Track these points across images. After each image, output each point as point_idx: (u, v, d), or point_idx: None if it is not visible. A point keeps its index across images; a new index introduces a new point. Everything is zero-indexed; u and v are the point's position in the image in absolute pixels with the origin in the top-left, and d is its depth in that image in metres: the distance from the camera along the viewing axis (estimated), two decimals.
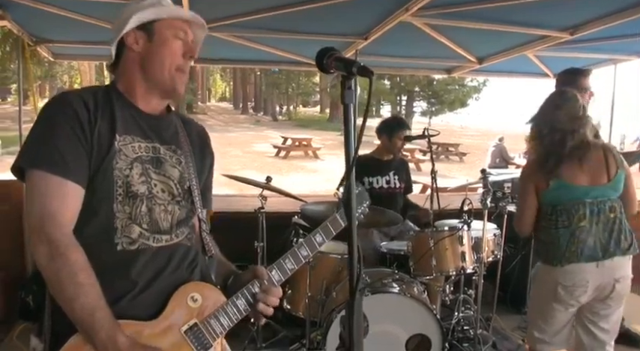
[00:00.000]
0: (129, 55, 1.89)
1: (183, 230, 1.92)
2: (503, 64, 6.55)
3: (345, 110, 1.33)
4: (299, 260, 2.05)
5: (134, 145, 1.84)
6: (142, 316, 1.75)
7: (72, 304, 1.62)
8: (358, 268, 1.34)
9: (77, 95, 1.80)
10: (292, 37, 5.46)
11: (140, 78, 1.89)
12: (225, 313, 1.86)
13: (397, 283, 3.96)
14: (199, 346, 1.81)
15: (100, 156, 1.75)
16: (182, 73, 1.93)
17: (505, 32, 5.11)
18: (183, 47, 1.90)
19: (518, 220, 3.43)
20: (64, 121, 1.72)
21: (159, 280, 1.81)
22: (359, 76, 1.34)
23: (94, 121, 1.76)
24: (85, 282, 1.63)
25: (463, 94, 39.25)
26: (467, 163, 24.91)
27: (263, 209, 4.51)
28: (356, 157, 1.32)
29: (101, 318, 1.62)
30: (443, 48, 5.80)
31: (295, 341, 4.57)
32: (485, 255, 4.46)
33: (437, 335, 3.79)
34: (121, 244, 1.76)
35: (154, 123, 1.93)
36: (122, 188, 1.77)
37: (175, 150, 1.96)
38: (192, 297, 1.83)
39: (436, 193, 4.89)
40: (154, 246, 1.82)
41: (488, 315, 4.96)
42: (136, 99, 1.91)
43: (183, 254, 1.91)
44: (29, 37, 5.52)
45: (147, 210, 1.81)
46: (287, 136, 26.15)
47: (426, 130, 4.99)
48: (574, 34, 5.03)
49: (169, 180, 1.90)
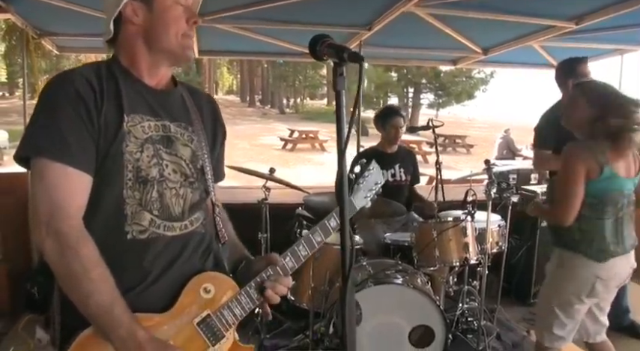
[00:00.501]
0: (129, 29, 1.78)
1: (197, 216, 1.85)
2: (509, 54, 6.53)
3: (337, 97, 1.32)
4: (313, 246, 2.00)
5: (143, 124, 1.74)
6: (154, 307, 1.71)
7: (86, 301, 1.56)
8: (350, 255, 1.33)
9: (79, 74, 1.69)
10: (296, 28, 5.45)
11: (144, 51, 1.79)
12: (238, 304, 1.83)
13: (401, 274, 3.96)
14: (212, 338, 1.78)
15: (107, 140, 1.66)
16: (189, 39, 1.82)
17: (510, 22, 5.08)
18: (185, 13, 1.79)
19: (565, 209, 3.09)
20: (67, 103, 1.62)
21: (172, 270, 1.76)
22: (358, 65, 1.33)
23: (100, 103, 1.66)
24: (97, 277, 1.57)
25: (470, 86, 39.11)
26: (474, 155, 24.81)
27: (266, 200, 4.50)
28: (347, 143, 1.31)
29: (119, 314, 1.57)
30: (447, 39, 5.78)
31: (299, 332, 4.56)
32: (490, 246, 4.43)
33: (440, 326, 3.78)
34: (131, 232, 1.69)
35: (161, 98, 1.84)
36: (132, 173, 1.69)
37: (186, 127, 1.87)
38: (205, 288, 1.80)
39: (441, 185, 4.89)
40: (168, 235, 1.76)
41: (492, 306, 4.94)
42: (141, 73, 1.81)
43: (198, 242, 1.86)
44: (33, 30, 5.53)
45: (158, 195, 1.73)
46: (294, 129, 26.13)
47: (430, 121, 4.99)
48: (579, 24, 5.00)
49: (181, 160, 1.82)
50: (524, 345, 4.68)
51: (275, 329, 4.63)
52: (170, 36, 1.77)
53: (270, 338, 4.46)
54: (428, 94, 40.77)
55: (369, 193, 2.31)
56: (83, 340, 1.62)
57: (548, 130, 4.56)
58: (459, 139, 27.22)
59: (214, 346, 1.79)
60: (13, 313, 4.99)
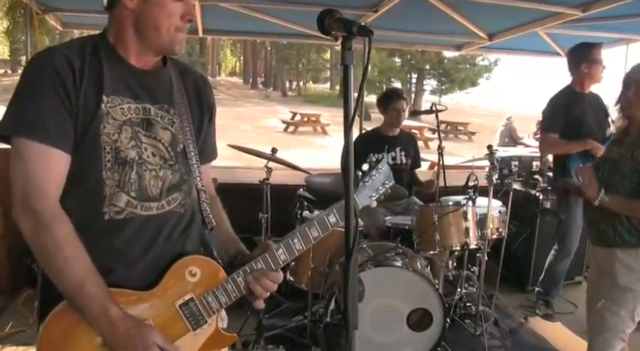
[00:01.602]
0: (122, 11, 1.73)
1: (175, 196, 1.82)
2: (514, 41, 6.51)
3: (344, 71, 1.32)
4: (309, 241, 1.91)
5: (123, 106, 1.72)
6: (136, 287, 1.71)
7: (60, 278, 1.58)
8: (355, 231, 1.33)
9: (60, 53, 1.66)
10: (300, 8, 5.42)
11: (132, 35, 1.75)
12: (224, 291, 1.80)
13: (400, 256, 3.97)
14: (193, 322, 1.77)
15: (86, 120, 1.65)
16: (180, 33, 1.77)
17: (517, 8, 5.05)
18: (182, 8, 1.74)
19: None
20: (46, 82, 1.61)
21: (151, 250, 1.75)
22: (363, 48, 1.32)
23: (79, 82, 1.64)
24: (71, 255, 1.58)
25: (474, 73, 38.96)
26: (476, 143, 24.77)
27: (268, 180, 4.49)
28: (354, 118, 1.31)
29: (90, 291, 1.57)
30: (453, 23, 5.75)
31: (298, 313, 4.58)
32: (490, 232, 4.43)
33: (439, 310, 3.79)
34: (108, 213, 1.68)
35: (145, 80, 1.80)
36: (111, 154, 1.67)
37: (168, 109, 1.83)
38: (191, 271, 1.78)
39: (442, 170, 4.89)
40: (143, 214, 1.74)
41: (490, 292, 4.96)
42: (128, 53, 1.77)
43: (176, 222, 1.83)
44: (37, 5, 5.49)
45: (137, 177, 1.72)
46: (296, 112, 26.07)
47: (434, 105, 4.98)
48: (586, 12, 4.97)
49: (159, 143, 1.79)
50: (521, 331, 4.72)
51: (273, 310, 4.65)
52: (160, 30, 1.73)
53: (268, 318, 4.47)
54: (431, 81, 40.63)
55: (375, 193, 2.25)
56: (59, 313, 1.64)
57: (555, 115, 4.57)
58: (461, 126, 27.15)
59: (195, 330, 1.78)
60: (13, 289, 5.02)
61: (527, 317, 4.96)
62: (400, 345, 3.80)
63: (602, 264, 3.11)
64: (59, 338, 1.64)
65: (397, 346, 3.80)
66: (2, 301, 4.94)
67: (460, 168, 6.50)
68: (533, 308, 5.15)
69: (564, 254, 4.91)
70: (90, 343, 1.63)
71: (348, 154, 1.28)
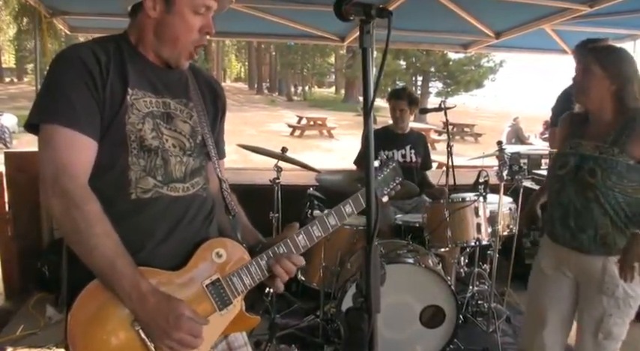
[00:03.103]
0: (144, 18, 1.81)
1: (197, 180, 1.91)
2: (521, 39, 6.47)
3: (363, 55, 1.32)
4: (326, 228, 2.03)
5: (145, 99, 1.81)
6: (163, 267, 1.75)
7: (91, 256, 1.62)
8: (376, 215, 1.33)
9: (87, 47, 1.75)
10: (306, 8, 5.42)
11: (152, 40, 1.83)
12: (248, 272, 1.87)
13: (412, 254, 3.97)
14: (219, 302, 1.82)
15: (112, 110, 1.72)
16: (197, 47, 1.87)
17: (524, 4, 5.02)
18: (201, 22, 1.82)
19: None
20: (75, 74, 1.69)
21: (177, 230, 1.81)
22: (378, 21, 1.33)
23: (105, 74, 1.72)
24: (101, 232, 1.62)
25: (479, 74, 38.85)
26: (482, 144, 24.71)
27: (278, 180, 4.50)
28: (373, 103, 1.31)
29: (122, 266, 1.62)
30: (460, 21, 5.73)
31: (309, 313, 4.59)
32: (501, 228, 4.42)
33: (451, 307, 3.80)
34: (135, 193, 1.75)
35: (164, 76, 1.89)
36: (136, 143, 1.75)
37: (186, 103, 1.93)
38: (218, 252, 1.84)
39: (452, 168, 4.88)
40: (171, 194, 1.81)
41: (502, 289, 4.95)
42: (148, 52, 1.86)
43: (200, 205, 1.91)
44: (46, 9, 5.51)
45: (162, 163, 1.80)
46: (302, 116, 26.10)
47: (442, 103, 4.99)
48: (593, 7, 4.94)
49: (180, 135, 1.87)
50: None
51: (285, 309, 4.65)
52: (178, 43, 1.82)
53: (280, 318, 4.47)
54: (436, 83, 40.57)
55: (387, 188, 2.38)
56: (89, 291, 1.66)
57: (562, 110, 4.55)
58: (467, 128, 27.11)
59: (221, 310, 1.83)
60: (24, 291, 5.04)
61: None
62: (413, 342, 3.80)
63: (592, 274, 2.90)
64: (90, 316, 1.66)
65: (410, 343, 3.79)
66: (13, 305, 4.96)
67: (468, 168, 6.50)
68: None
69: None
70: (121, 321, 1.67)
71: (368, 141, 1.28)
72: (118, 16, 5.49)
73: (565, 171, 2.92)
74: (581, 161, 2.86)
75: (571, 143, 2.98)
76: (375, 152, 4.79)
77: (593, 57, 2.88)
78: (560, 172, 2.96)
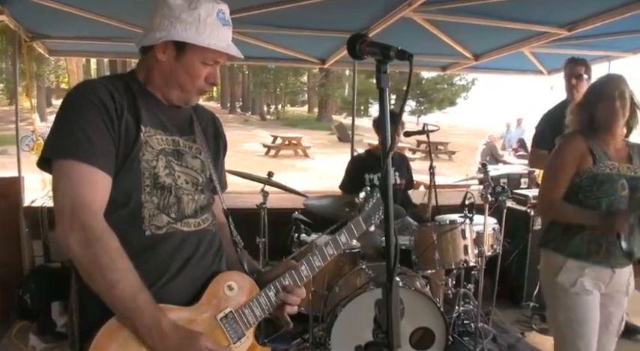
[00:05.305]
0: (153, 60, 1.86)
1: (207, 217, 1.95)
2: (498, 61, 6.60)
3: (380, 94, 1.35)
4: (325, 258, 2.11)
5: (157, 137, 1.84)
6: (176, 302, 1.76)
7: (112, 291, 1.61)
8: (395, 252, 1.35)
9: (101, 84, 1.78)
10: (291, 33, 5.46)
11: (159, 81, 1.88)
12: (258, 304, 1.91)
13: (400, 276, 3.98)
14: (234, 335, 1.84)
15: (127, 146, 1.75)
16: (200, 93, 1.95)
17: (505, 28, 5.13)
18: (207, 72, 1.88)
19: None
20: (91, 109, 1.71)
21: (189, 266, 1.82)
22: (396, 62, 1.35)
23: (120, 112, 1.75)
24: (123, 267, 1.63)
25: (452, 93, 39.29)
26: (456, 162, 24.89)
27: (265, 205, 4.50)
28: (392, 143, 1.33)
29: (144, 302, 1.63)
30: (441, 44, 5.82)
31: (297, 337, 4.57)
32: (486, 248, 4.47)
33: (441, 328, 3.82)
34: (149, 230, 1.76)
35: (172, 114, 1.93)
36: (149, 180, 1.78)
37: (194, 140, 1.97)
38: (230, 285, 1.88)
39: (434, 189, 4.92)
40: (184, 230, 1.84)
41: (487, 309, 4.99)
42: (155, 91, 1.90)
43: (210, 241, 1.94)
44: (26, 33, 5.48)
45: (175, 200, 1.84)
46: (276, 135, 26.07)
47: (425, 126, 5.04)
48: (572, 31, 5.06)
49: (192, 170, 1.92)
50: (519, 346, 4.74)
51: (272, 334, 4.63)
52: (183, 89, 1.89)
53: (268, 342, 4.45)
54: (409, 101, 40.84)
55: (374, 218, 2.42)
56: (108, 331, 1.65)
57: (546, 131, 4.63)
58: (442, 146, 27.27)
59: (235, 343, 1.84)
60: (5, 321, 4.94)
61: (524, 332, 4.99)
62: None
63: (623, 282, 3.05)
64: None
65: None
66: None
67: (448, 187, 6.56)
68: (529, 323, 5.23)
69: None
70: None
71: (386, 177, 1.30)
72: (97, 40, 5.51)
73: (625, 192, 2.94)
74: (632, 182, 2.96)
75: (608, 165, 2.97)
76: (360, 176, 4.87)
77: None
78: (624, 194, 2.95)
